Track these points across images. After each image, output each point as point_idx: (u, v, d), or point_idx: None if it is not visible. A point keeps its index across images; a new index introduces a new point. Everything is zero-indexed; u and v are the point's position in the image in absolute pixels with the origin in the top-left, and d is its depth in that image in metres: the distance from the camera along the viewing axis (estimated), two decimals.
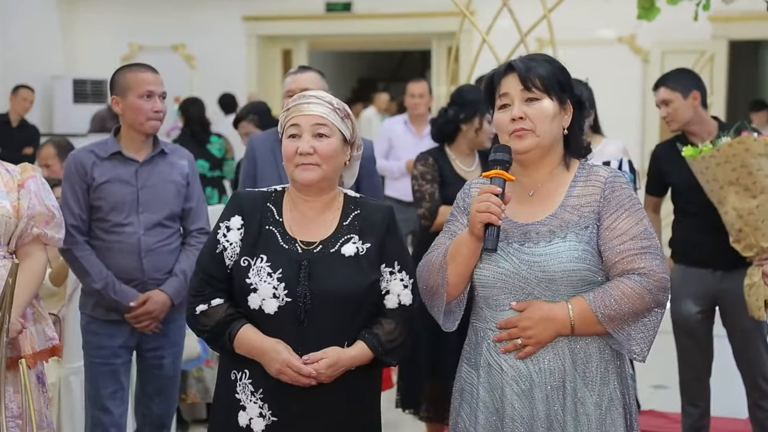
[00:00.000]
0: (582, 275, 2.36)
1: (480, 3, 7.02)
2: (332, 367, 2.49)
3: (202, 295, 2.59)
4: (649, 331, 2.39)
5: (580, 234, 2.38)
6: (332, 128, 2.57)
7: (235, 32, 11.83)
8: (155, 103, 3.60)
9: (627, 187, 2.44)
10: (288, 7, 11.68)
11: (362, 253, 2.57)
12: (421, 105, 7.06)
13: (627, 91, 10.20)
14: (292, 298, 2.50)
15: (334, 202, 2.64)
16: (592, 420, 2.36)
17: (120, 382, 3.67)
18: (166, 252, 3.66)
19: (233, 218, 2.61)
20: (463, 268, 2.42)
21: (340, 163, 2.61)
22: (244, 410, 2.55)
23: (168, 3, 11.86)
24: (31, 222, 3.11)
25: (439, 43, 11.82)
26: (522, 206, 2.44)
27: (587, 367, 2.38)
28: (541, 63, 2.44)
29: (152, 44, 11.86)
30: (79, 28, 12.18)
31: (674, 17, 5.52)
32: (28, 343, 3.06)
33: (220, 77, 11.57)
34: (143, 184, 3.62)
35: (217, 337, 2.57)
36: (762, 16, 4.65)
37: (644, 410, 5.15)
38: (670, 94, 4.13)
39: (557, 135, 2.44)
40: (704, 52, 10.35)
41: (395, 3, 11.29)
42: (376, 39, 12.65)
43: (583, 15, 9.14)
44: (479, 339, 2.46)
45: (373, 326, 2.57)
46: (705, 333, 4.24)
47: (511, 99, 2.42)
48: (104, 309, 3.63)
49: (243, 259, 2.55)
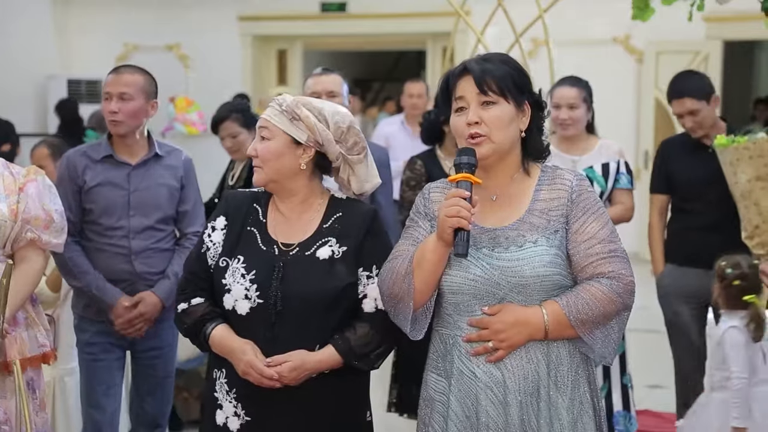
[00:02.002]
0: (554, 280, 2.35)
1: (475, 3, 7.03)
2: (296, 370, 2.49)
3: (184, 294, 2.65)
4: (616, 334, 2.39)
5: (551, 238, 2.36)
6: (273, 131, 2.57)
7: (230, 32, 11.82)
8: (110, 105, 3.56)
9: (592, 191, 2.43)
10: (283, 7, 11.67)
11: (337, 256, 2.56)
12: (419, 105, 7.06)
13: (621, 91, 10.21)
14: (264, 299, 2.52)
15: (315, 204, 2.64)
16: (565, 425, 2.35)
17: (113, 377, 3.67)
18: (157, 254, 3.66)
19: (218, 219, 2.65)
20: (430, 276, 2.36)
21: (287, 165, 2.58)
22: (221, 409, 2.58)
23: (163, 3, 11.84)
24: (27, 226, 3.07)
25: (435, 43, 11.82)
26: (486, 210, 2.40)
27: (559, 372, 2.37)
28: (497, 64, 2.39)
29: (147, 44, 11.84)
30: (74, 27, 12.16)
31: (669, 17, 5.51)
32: (16, 348, 3.02)
33: (214, 77, 11.55)
34: (135, 187, 3.61)
35: (195, 335, 2.62)
36: (756, 17, 4.65)
37: (639, 410, 5.15)
38: (697, 104, 4.10)
39: (514, 138, 2.40)
40: (699, 52, 10.37)
41: (390, 3, 11.29)
42: (371, 39, 12.64)
43: (577, 15, 9.15)
44: (448, 347, 2.42)
45: (346, 330, 2.55)
46: (698, 332, 4.25)
47: (467, 102, 2.38)
48: (95, 311, 3.63)
49: (222, 260, 2.59)
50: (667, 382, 5.31)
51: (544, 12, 5.90)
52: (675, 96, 4.20)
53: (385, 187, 4.02)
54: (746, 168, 3.81)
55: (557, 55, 6.45)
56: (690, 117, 4.10)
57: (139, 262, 3.61)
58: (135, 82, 3.59)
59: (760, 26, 4.55)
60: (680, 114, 4.15)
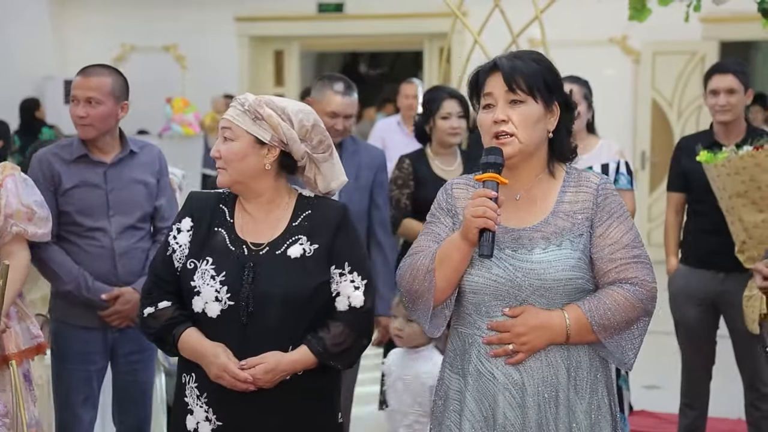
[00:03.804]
0: (577, 284, 2.33)
1: (472, 4, 7.02)
2: (270, 372, 2.45)
3: (150, 298, 2.59)
4: (637, 339, 2.37)
5: (575, 242, 2.33)
6: (236, 131, 2.52)
7: (226, 33, 11.82)
8: (77, 109, 3.47)
9: (617, 194, 2.41)
10: (280, 8, 11.67)
11: (309, 254, 2.52)
12: (414, 106, 7.06)
13: (618, 91, 10.22)
14: (235, 301, 2.47)
15: (282, 203, 2.59)
16: (583, 429, 2.33)
17: (92, 388, 3.57)
18: (139, 254, 3.58)
19: (184, 220, 2.60)
20: (452, 274, 2.34)
21: (252, 166, 2.53)
22: (192, 414, 2.53)
23: (160, 3, 11.84)
24: (10, 220, 3.09)
25: (431, 44, 11.83)
26: (510, 210, 2.37)
27: (578, 375, 2.35)
28: (528, 63, 2.35)
29: (144, 45, 11.84)
30: (71, 28, 12.16)
31: (665, 18, 5.53)
32: (13, 341, 3.05)
33: (211, 78, 11.56)
34: (112, 186, 3.52)
35: (163, 339, 2.57)
36: (753, 17, 4.66)
37: (636, 410, 5.16)
38: (738, 85, 4.05)
39: (541, 139, 2.36)
40: (695, 52, 10.38)
41: (387, 4, 11.29)
42: (368, 40, 12.65)
43: (574, 16, 9.15)
44: (466, 345, 2.39)
45: (320, 330, 2.51)
46: (706, 335, 4.23)
47: (494, 99, 2.34)
48: (78, 312, 3.51)
49: (190, 262, 2.54)
50: (663, 383, 5.32)
51: (541, 13, 5.90)
52: (719, 71, 4.13)
53: (382, 188, 4.03)
54: (726, 185, 3.82)
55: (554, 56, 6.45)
56: (726, 95, 4.02)
57: (122, 264, 3.53)
58: (102, 85, 3.48)
59: (757, 27, 4.57)
60: (717, 90, 4.06)
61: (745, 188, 3.77)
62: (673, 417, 4.55)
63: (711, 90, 4.12)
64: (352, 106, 3.89)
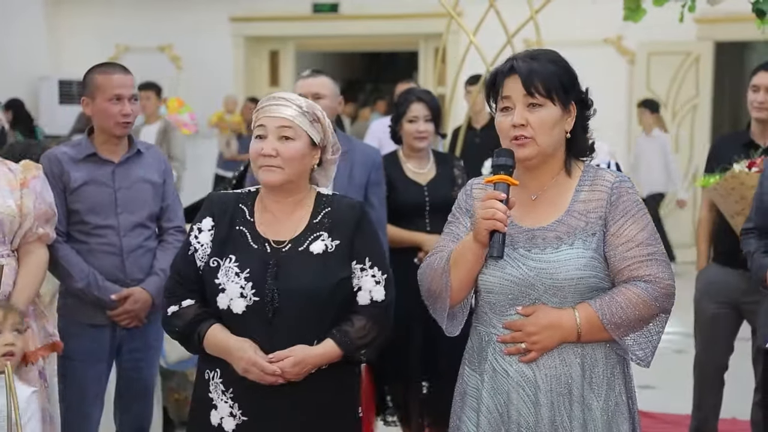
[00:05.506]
0: (589, 283, 2.34)
1: (467, 4, 7.02)
2: (298, 365, 2.49)
3: (174, 297, 2.62)
4: (654, 337, 2.37)
5: (588, 241, 2.34)
6: (298, 131, 2.56)
7: (222, 33, 11.82)
8: (123, 107, 3.52)
9: (633, 192, 2.41)
10: (275, 8, 11.67)
11: (331, 250, 2.57)
12: None
13: (613, 92, 10.22)
14: (260, 297, 2.51)
15: (304, 201, 2.64)
16: (599, 425, 2.34)
17: (102, 385, 3.62)
18: (146, 252, 3.62)
19: (204, 220, 2.64)
20: (466, 274, 2.38)
21: (306, 166, 2.60)
22: (216, 409, 2.57)
23: (154, 4, 11.84)
24: (37, 222, 3.13)
25: (427, 44, 11.83)
26: (526, 210, 2.39)
27: (594, 373, 2.36)
28: (545, 64, 2.37)
29: (139, 45, 11.83)
30: (65, 29, 12.15)
31: (660, 18, 5.54)
32: (30, 340, 3.06)
33: (206, 78, 11.56)
34: (120, 185, 3.57)
35: (188, 337, 2.60)
36: (747, 18, 4.66)
37: None
38: None
39: (559, 141, 2.39)
40: (690, 53, 10.40)
41: (382, 4, 11.29)
42: (363, 40, 12.65)
43: (569, 16, 9.15)
44: (484, 343, 2.42)
45: (343, 323, 2.56)
46: (722, 335, 4.21)
47: (512, 103, 2.35)
48: (88, 311, 3.55)
49: (213, 260, 2.57)
50: (659, 383, 5.32)
51: (536, 13, 5.90)
52: (764, 68, 4.11)
53: (378, 188, 4.03)
54: (724, 206, 3.85)
55: None
56: (766, 93, 4.00)
57: (130, 261, 3.58)
58: (133, 84, 3.60)
59: (752, 27, 4.56)
60: (758, 87, 4.04)
61: (741, 207, 3.79)
62: (668, 417, 4.56)
63: (753, 85, 4.10)
64: (317, 86, 3.85)
